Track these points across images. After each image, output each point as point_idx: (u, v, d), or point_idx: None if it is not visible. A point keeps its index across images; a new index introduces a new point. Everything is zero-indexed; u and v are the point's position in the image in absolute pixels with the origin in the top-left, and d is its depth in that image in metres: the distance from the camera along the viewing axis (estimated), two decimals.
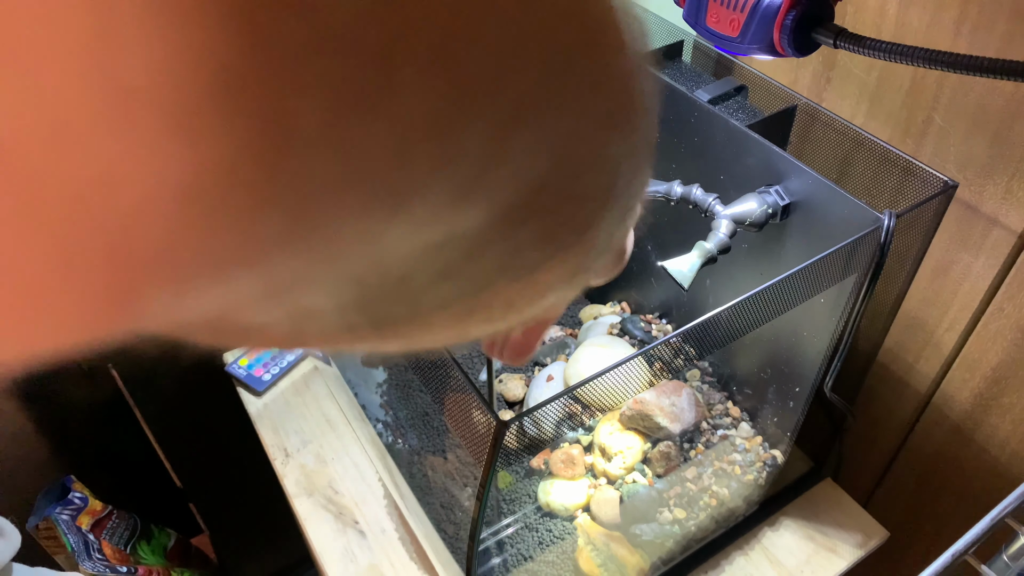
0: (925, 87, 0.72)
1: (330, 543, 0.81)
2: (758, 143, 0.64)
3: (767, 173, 0.64)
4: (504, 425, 0.48)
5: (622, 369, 0.51)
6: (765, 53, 0.49)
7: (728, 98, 0.82)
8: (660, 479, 0.75)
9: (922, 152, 0.75)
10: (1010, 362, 0.75)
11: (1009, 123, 0.66)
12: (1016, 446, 0.79)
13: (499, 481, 0.82)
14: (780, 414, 0.77)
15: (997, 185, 0.69)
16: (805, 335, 0.68)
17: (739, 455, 0.79)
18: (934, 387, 0.85)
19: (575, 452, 0.76)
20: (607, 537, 0.73)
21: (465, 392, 0.56)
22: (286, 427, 0.92)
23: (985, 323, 0.76)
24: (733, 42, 0.49)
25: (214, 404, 1.07)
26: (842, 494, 0.85)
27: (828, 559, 0.79)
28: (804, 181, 0.61)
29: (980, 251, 0.73)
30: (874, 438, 0.95)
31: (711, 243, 0.60)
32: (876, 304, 0.70)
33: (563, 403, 0.51)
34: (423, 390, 0.93)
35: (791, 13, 0.46)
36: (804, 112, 0.75)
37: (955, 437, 0.85)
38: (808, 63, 0.83)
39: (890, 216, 0.55)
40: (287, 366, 0.98)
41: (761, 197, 0.63)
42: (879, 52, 0.43)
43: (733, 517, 0.81)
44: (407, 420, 0.93)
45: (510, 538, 0.78)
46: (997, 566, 0.51)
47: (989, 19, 0.64)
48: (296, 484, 0.86)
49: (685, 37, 0.91)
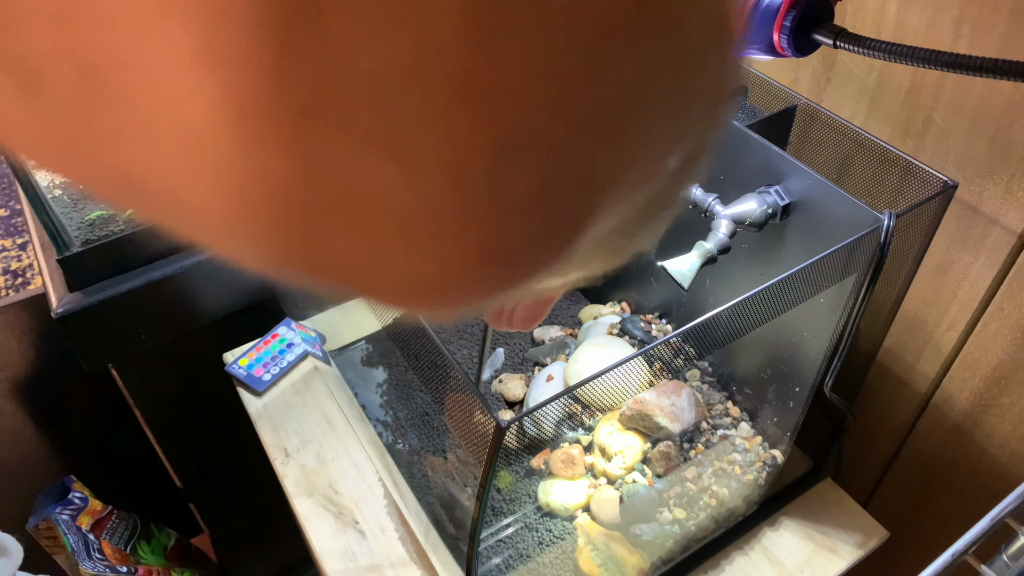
0: (925, 87, 0.72)
1: (330, 543, 0.81)
2: (758, 143, 0.64)
3: (767, 173, 0.64)
4: (504, 428, 0.48)
5: (622, 369, 0.51)
6: (765, 53, 0.49)
7: None
8: (660, 479, 0.75)
9: (922, 152, 0.75)
10: (1010, 362, 0.75)
11: (1009, 123, 0.66)
12: (1016, 446, 0.79)
13: (499, 481, 0.82)
14: (780, 414, 0.77)
15: (997, 185, 0.69)
16: (805, 335, 0.68)
17: (739, 455, 0.79)
18: (934, 387, 0.85)
19: (575, 452, 0.76)
20: (607, 537, 0.73)
21: (465, 392, 0.56)
22: (286, 427, 0.92)
23: (985, 323, 0.76)
24: None
25: (214, 404, 1.07)
26: (842, 494, 0.85)
27: (828, 559, 0.79)
28: (804, 181, 0.61)
29: (980, 251, 0.73)
30: (874, 438, 0.96)
31: (711, 243, 0.60)
32: (876, 304, 0.70)
33: (563, 403, 0.51)
34: (423, 390, 0.93)
35: (791, 13, 0.46)
36: (804, 112, 0.75)
37: (955, 437, 0.85)
38: (808, 63, 0.83)
39: (890, 216, 0.55)
40: (287, 366, 0.98)
41: (761, 197, 0.63)
42: (879, 52, 0.43)
43: (733, 517, 0.81)
44: (407, 420, 0.93)
45: (510, 538, 0.78)
46: (997, 566, 0.51)
47: (989, 19, 0.64)
48: (296, 484, 0.86)
49: None
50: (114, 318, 0.95)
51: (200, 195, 0.11)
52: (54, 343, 1.16)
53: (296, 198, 0.11)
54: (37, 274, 1.15)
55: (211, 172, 0.11)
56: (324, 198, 0.11)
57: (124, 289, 0.94)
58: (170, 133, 0.11)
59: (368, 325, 1.04)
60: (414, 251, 0.12)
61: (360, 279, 0.13)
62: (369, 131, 0.11)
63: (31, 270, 1.17)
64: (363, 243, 0.12)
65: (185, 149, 0.11)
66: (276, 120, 0.10)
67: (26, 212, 1.12)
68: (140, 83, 0.10)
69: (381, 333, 1.03)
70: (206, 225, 0.12)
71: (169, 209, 0.12)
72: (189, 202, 0.12)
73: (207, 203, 0.12)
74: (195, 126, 0.10)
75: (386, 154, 0.11)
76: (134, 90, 0.10)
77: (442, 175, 0.11)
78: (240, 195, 0.11)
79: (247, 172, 0.11)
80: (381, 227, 0.12)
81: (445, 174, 0.11)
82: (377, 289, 0.13)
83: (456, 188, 0.11)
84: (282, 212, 0.11)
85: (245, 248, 0.13)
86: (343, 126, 0.10)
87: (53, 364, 1.17)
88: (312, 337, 1.01)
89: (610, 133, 0.12)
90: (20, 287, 1.14)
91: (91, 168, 0.12)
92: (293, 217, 0.11)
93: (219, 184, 0.11)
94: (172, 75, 0.10)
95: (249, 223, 0.12)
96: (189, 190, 0.11)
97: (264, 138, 0.10)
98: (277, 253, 0.12)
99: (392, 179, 0.11)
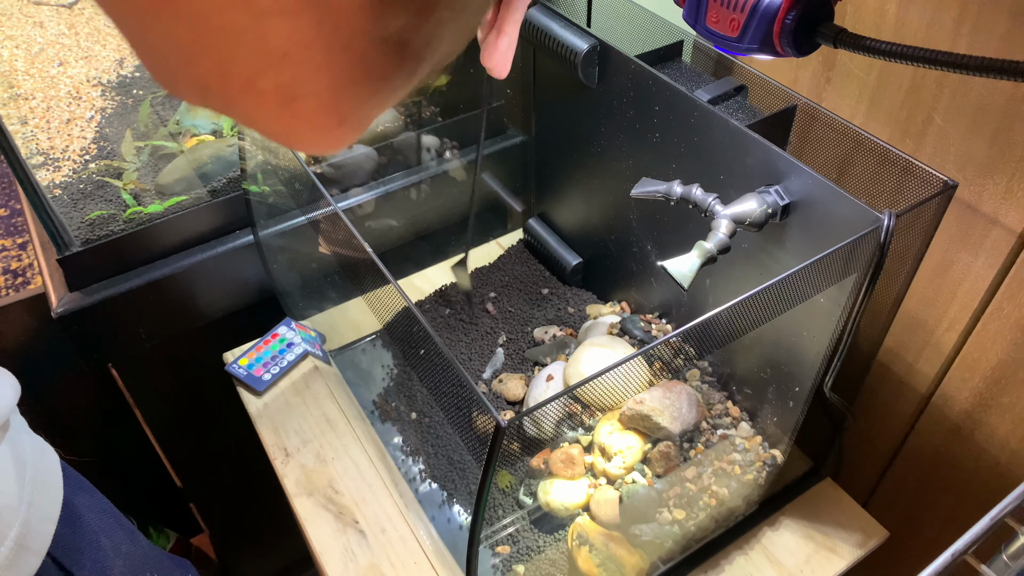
0: (925, 87, 0.72)
1: (330, 543, 0.81)
2: (758, 143, 0.64)
3: (767, 173, 0.64)
4: (504, 428, 0.48)
5: (622, 369, 0.51)
6: (765, 53, 0.49)
7: (728, 98, 0.82)
8: (660, 479, 0.75)
9: (922, 152, 0.75)
10: (1010, 362, 0.75)
11: (1009, 123, 0.66)
12: (1016, 446, 0.79)
13: (499, 481, 0.82)
14: (780, 414, 0.77)
15: (997, 185, 0.69)
16: (805, 335, 0.68)
17: (739, 455, 0.79)
18: (934, 387, 0.85)
19: (575, 452, 0.76)
20: (606, 537, 0.73)
21: (465, 392, 0.56)
22: (286, 427, 0.92)
23: (985, 323, 0.76)
24: (733, 42, 0.49)
25: (214, 404, 1.07)
26: (842, 494, 0.85)
27: (828, 559, 0.79)
28: (804, 181, 0.61)
29: (980, 251, 0.73)
30: (874, 438, 0.96)
31: (711, 243, 0.60)
32: (876, 304, 0.70)
33: (563, 403, 0.51)
34: (423, 389, 0.93)
35: (791, 13, 0.46)
36: (804, 112, 0.75)
37: (955, 437, 0.85)
38: (808, 63, 0.83)
39: (890, 216, 0.55)
40: (287, 366, 0.98)
41: (761, 197, 0.63)
42: (879, 52, 0.43)
43: (733, 517, 0.81)
44: (407, 419, 0.93)
45: (510, 538, 0.78)
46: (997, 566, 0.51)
47: (989, 19, 0.64)
48: (296, 484, 0.86)
49: (685, 37, 0.91)
50: (114, 318, 0.95)
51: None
52: (54, 343, 1.16)
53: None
54: (37, 274, 1.15)
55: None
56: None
57: (124, 289, 0.94)
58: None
59: (368, 325, 1.04)
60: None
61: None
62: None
63: (31, 270, 1.17)
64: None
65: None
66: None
67: (26, 212, 1.12)
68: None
69: (381, 332, 1.03)
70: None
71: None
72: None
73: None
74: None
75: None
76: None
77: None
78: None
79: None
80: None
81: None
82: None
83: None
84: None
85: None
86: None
87: (53, 364, 1.17)
88: (312, 337, 1.01)
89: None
90: (20, 287, 1.14)
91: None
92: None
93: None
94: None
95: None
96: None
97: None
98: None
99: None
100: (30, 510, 0.60)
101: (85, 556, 0.66)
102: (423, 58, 0.22)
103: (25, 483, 0.61)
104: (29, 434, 0.67)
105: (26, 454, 0.63)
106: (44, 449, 0.67)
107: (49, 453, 0.68)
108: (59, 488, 0.65)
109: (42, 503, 0.62)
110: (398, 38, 0.20)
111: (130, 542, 0.73)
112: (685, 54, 0.92)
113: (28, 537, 0.59)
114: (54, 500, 0.64)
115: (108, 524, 0.71)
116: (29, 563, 0.59)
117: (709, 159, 0.71)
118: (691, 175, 0.74)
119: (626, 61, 0.77)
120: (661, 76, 0.74)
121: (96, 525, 0.69)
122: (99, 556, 0.67)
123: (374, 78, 0.21)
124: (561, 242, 1.07)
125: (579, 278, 1.06)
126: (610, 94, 0.82)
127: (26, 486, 0.61)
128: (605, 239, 0.97)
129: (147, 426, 1.11)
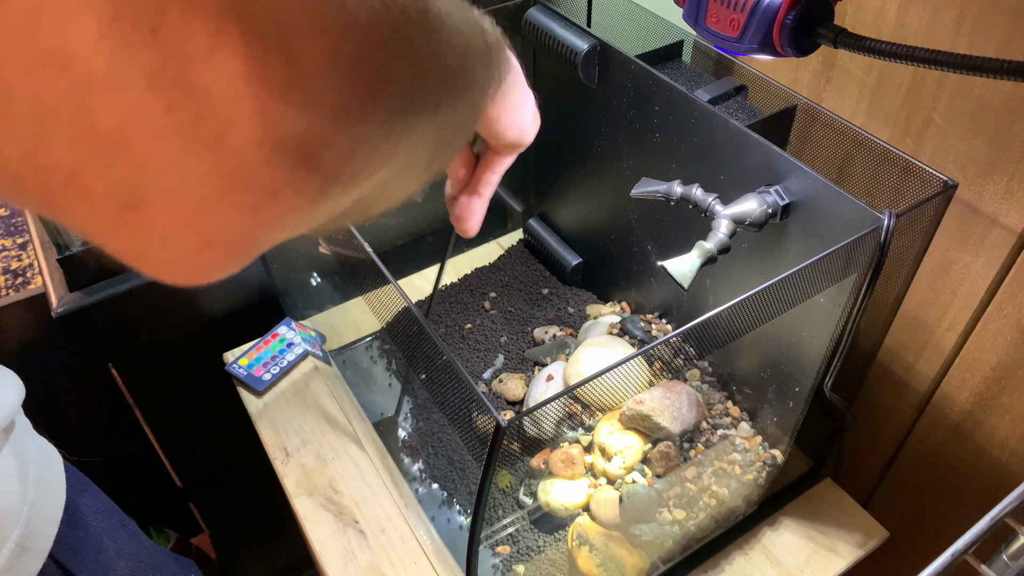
0: (925, 87, 0.72)
1: (330, 543, 0.81)
2: (758, 143, 0.64)
3: (767, 173, 0.64)
4: (504, 428, 0.48)
5: (622, 369, 0.51)
6: (765, 53, 0.49)
7: (728, 98, 0.82)
8: (660, 479, 0.75)
9: (922, 152, 0.75)
10: (1010, 362, 0.75)
11: (1009, 123, 0.66)
12: (1016, 446, 0.79)
13: (499, 481, 0.82)
14: (780, 414, 0.77)
15: (997, 185, 0.69)
16: (805, 335, 0.68)
17: (739, 455, 0.79)
18: (934, 387, 0.85)
19: (575, 452, 0.76)
20: (607, 537, 0.73)
21: (465, 391, 0.56)
22: (286, 427, 0.92)
23: (985, 323, 0.76)
24: (733, 42, 0.49)
25: (214, 404, 1.07)
26: (842, 494, 0.85)
27: (828, 559, 0.79)
28: (804, 181, 0.61)
29: (980, 251, 0.73)
30: (874, 438, 0.96)
31: (711, 243, 0.60)
32: (876, 304, 0.70)
33: (563, 403, 0.51)
34: (423, 389, 0.93)
35: (791, 13, 0.46)
36: (804, 112, 0.75)
37: (955, 437, 0.85)
38: (808, 63, 0.83)
39: (890, 216, 0.55)
40: (287, 366, 0.98)
41: (761, 197, 0.63)
42: (879, 52, 0.43)
43: (733, 517, 0.81)
44: (408, 420, 0.93)
45: (510, 538, 0.78)
46: (997, 566, 0.51)
47: (989, 19, 0.64)
48: (296, 484, 0.86)
49: (685, 37, 0.91)
50: (114, 318, 0.95)
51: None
52: (54, 343, 1.16)
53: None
54: (37, 274, 1.15)
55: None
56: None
57: (124, 289, 0.94)
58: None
59: (368, 325, 1.04)
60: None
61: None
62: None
63: (31, 270, 1.17)
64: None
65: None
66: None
67: (26, 212, 1.12)
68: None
69: (381, 332, 1.03)
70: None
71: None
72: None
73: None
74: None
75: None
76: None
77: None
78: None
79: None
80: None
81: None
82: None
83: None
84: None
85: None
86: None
87: (53, 364, 1.17)
88: (312, 337, 1.01)
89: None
90: (20, 287, 1.13)
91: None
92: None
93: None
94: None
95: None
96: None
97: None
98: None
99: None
100: (32, 511, 0.60)
101: (87, 557, 0.66)
102: (340, 180, 0.18)
103: (28, 484, 0.61)
104: (33, 435, 0.66)
105: (30, 455, 0.63)
106: (47, 450, 0.67)
107: (52, 454, 0.68)
108: (62, 489, 0.65)
109: (44, 504, 0.62)
110: (298, 147, 0.16)
111: (134, 543, 0.73)
112: (685, 54, 0.92)
113: (30, 538, 0.59)
114: (56, 501, 0.64)
115: (111, 525, 0.71)
116: (31, 564, 0.59)
117: (709, 159, 0.71)
118: (691, 175, 0.74)
119: (626, 61, 0.77)
120: (661, 76, 0.74)
121: (99, 526, 0.69)
122: (102, 558, 0.67)
123: (257, 192, 0.16)
124: (561, 242, 1.07)
125: (579, 278, 1.06)
126: (610, 94, 0.82)
127: (29, 487, 0.61)
128: (605, 239, 0.97)
129: (147, 426, 1.11)
